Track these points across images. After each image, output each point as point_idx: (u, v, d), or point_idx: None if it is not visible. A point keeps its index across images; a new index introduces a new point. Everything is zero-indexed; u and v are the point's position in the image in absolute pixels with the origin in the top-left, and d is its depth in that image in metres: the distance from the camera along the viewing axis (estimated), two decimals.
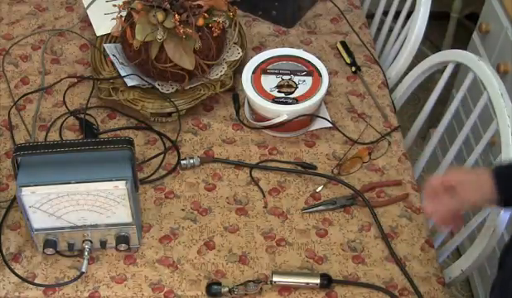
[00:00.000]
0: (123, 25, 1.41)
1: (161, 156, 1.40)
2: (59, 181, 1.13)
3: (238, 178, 1.38)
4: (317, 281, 1.19)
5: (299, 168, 1.39)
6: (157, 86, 1.44)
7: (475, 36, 2.04)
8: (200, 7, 1.37)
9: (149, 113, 1.42)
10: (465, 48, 1.82)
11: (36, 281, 1.21)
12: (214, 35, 1.38)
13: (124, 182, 1.13)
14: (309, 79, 1.44)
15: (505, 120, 1.32)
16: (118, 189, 1.13)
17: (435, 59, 1.54)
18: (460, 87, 1.49)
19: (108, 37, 1.56)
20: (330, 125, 1.46)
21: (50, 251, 1.21)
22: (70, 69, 1.57)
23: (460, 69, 2.06)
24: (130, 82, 1.44)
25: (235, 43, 1.53)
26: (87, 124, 1.43)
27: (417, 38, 1.65)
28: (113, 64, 1.48)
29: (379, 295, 1.21)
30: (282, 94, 1.41)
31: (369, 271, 1.24)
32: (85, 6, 1.64)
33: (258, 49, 1.62)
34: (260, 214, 1.32)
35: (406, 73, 1.65)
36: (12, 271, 1.21)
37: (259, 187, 1.36)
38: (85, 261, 1.20)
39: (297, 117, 1.40)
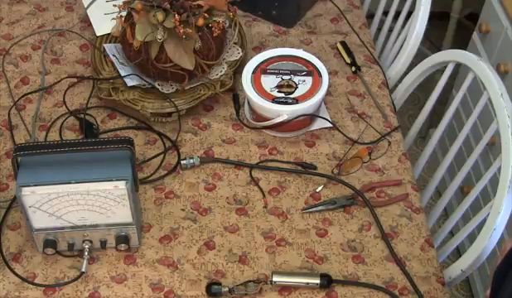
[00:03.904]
0: (123, 25, 1.41)
1: (161, 156, 1.40)
2: (59, 181, 1.13)
3: (238, 178, 1.38)
4: (317, 281, 1.19)
5: (299, 168, 1.39)
6: (157, 86, 1.44)
7: (475, 36, 2.04)
8: (200, 7, 1.37)
9: (149, 113, 1.42)
10: (465, 48, 1.82)
11: (36, 281, 1.21)
12: (214, 35, 1.38)
13: (124, 182, 1.13)
14: (309, 79, 1.44)
15: (505, 120, 1.32)
16: (118, 189, 1.13)
17: (435, 59, 1.54)
18: (460, 87, 1.49)
19: (108, 37, 1.56)
20: (330, 125, 1.46)
21: (50, 251, 1.21)
22: (70, 69, 1.57)
23: (460, 69, 2.07)
24: (130, 82, 1.44)
25: (235, 43, 1.53)
26: (87, 124, 1.43)
27: (417, 38, 1.65)
28: (113, 64, 1.48)
29: (379, 295, 1.21)
30: (282, 94, 1.41)
31: (369, 270, 1.25)
32: (85, 6, 1.64)
33: (258, 49, 1.62)
34: (260, 214, 1.32)
35: (406, 73, 1.65)
36: (12, 271, 1.21)
37: (259, 187, 1.36)
38: (85, 261, 1.20)
39: (297, 117, 1.40)
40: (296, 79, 1.44)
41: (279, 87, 1.43)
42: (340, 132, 1.46)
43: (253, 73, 1.45)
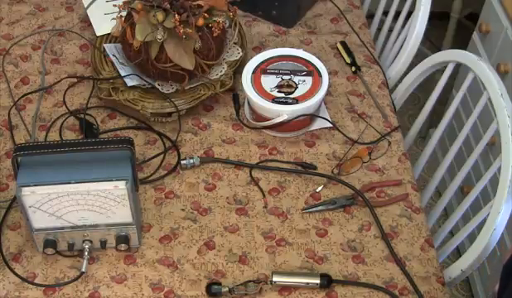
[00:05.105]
0: (123, 25, 1.41)
1: (161, 156, 1.40)
2: (59, 181, 1.13)
3: (238, 178, 1.38)
4: (317, 281, 1.19)
5: (299, 168, 1.39)
6: (157, 86, 1.44)
7: (475, 36, 2.04)
8: (200, 7, 1.37)
9: (149, 113, 1.42)
10: (465, 48, 1.82)
11: (36, 281, 1.21)
12: (214, 35, 1.38)
13: (124, 182, 1.13)
14: (309, 79, 1.44)
15: (505, 120, 1.32)
16: (118, 189, 1.13)
17: (435, 59, 1.54)
18: (460, 87, 1.49)
19: (108, 37, 1.56)
20: (330, 125, 1.46)
21: (50, 251, 1.21)
22: (70, 69, 1.57)
23: (460, 69, 2.07)
24: (130, 82, 1.44)
25: (235, 43, 1.53)
26: (87, 124, 1.43)
27: (417, 38, 1.65)
28: (113, 64, 1.48)
29: (379, 295, 1.21)
30: (282, 94, 1.42)
31: (369, 270, 1.25)
32: (85, 6, 1.64)
33: (258, 49, 1.62)
34: (260, 214, 1.32)
35: (406, 73, 1.65)
36: (12, 271, 1.21)
37: (259, 187, 1.36)
38: (85, 261, 1.20)
39: (297, 117, 1.40)
40: (296, 79, 1.44)
41: (279, 87, 1.43)
42: (340, 132, 1.46)
43: (253, 73, 1.45)
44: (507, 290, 1.00)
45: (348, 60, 1.61)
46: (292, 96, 1.41)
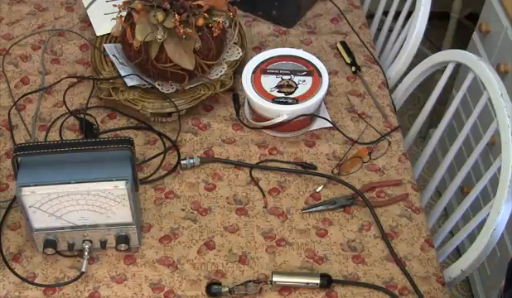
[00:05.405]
0: (123, 25, 1.41)
1: (161, 156, 1.40)
2: (59, 181, 1.13)
3: (238, 178, 1.38)
4: (317, 281, 1.19)
5: (299, 168, 1.39)
6: (157, 86, 1.44)
7: (475, 36, 2.04)
8: (200, 7, 1.37)
9: (149, 113, 1.42)
10: (465, 48, 1.82)
11: (36, 281, 1.21)
12: (214, 35, 1.38)
13: (124, 182, 1.13)
14: (309, 79, 1.44)
15: (505, 120, 1.32)
16: (118, 189, 1.13)
17: (435, 59, 1.54)
18: (460, 87, 1.49)
19: (108, 37, 1.56)
20: (330, 125, 1.46)
21: (50, 251, 1.21)
22: (70, 69, 1.57)
23: (460, 69, 2.07)
24: (130, 82, 1.44)
25: (235, 43, 1.53)
26: (87, 124, 1.43)
27: (417, 38, 1.65)
28: (113, 64, 1.48)
29: (379, 295, 1.21)
30: (282, 94, 1.42)
31: (369, 270, 1.25)
32: (85, 6, 1.64)
33: (258, 49, 1.62)
34: (260, 214, 1.32)
35: (406, 73, 1.65)
36: (12, 271, 1.21)
37: (259, 187, 1.36)
38: (85, 261, 1.20)
39: (297, 117, 1.40)
40: (296, 79, 1.44)
41: (279, 87, 1.43)
42: (340, 132, 1.46)
43: (253, 73, 1.45)
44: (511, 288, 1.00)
45: (348, 60, 1.61)
46: (292, 96, 1.41)
